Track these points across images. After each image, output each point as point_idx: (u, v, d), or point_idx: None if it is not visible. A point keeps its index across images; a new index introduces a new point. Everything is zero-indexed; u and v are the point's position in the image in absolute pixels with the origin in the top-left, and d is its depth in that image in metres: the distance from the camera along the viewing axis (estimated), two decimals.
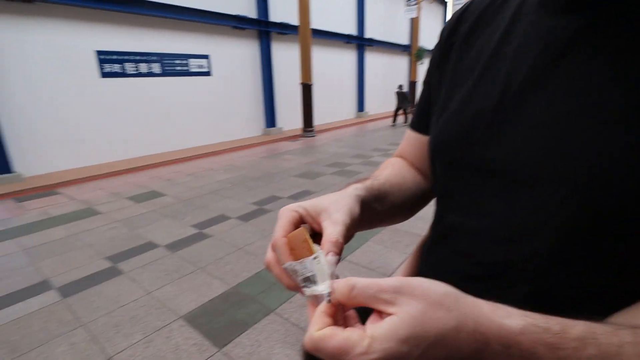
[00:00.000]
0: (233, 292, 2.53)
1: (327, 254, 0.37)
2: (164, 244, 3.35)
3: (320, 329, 0.31)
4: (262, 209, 4.25)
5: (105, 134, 6.86)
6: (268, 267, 0.43)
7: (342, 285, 0.33)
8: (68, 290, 2.63)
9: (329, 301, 0.34)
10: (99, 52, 6.56)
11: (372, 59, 14.60)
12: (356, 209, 0.47)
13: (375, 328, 0.29)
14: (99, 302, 2.46)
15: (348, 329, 0.31)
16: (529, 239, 0.43)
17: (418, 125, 0.68)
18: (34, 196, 5.14)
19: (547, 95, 0.42)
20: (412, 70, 16.44)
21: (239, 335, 2.08)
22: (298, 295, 2.40)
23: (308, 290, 0.36)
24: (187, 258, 3.05)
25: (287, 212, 0.44)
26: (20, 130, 5.83)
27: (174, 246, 3.29)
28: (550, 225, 0.41)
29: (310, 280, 0.36)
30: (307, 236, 0.38)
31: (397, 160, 0.72)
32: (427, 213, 0.69)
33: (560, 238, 0.40)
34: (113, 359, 1.94)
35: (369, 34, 13.88)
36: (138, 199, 4.81)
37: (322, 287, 0.35)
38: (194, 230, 3.65)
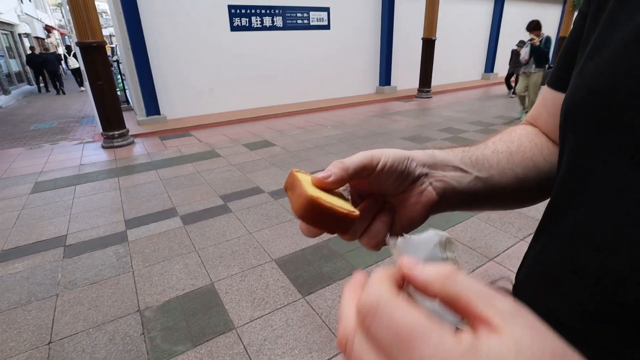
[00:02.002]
0: (323, 246, 2.59)
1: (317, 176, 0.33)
2: (268, 190, 3.60)
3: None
4: None
5: (231, 85, 7.53)
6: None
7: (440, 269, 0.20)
8: (188, 219, 3.05)
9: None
10: (230, 7, 7.04)
11: (513, 9, 12.45)
12: (406, 157, 0.37)
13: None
14: (209, 234, 2.80)
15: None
16: None
17: (558, 80, 0.47)
18: (172, 136, 6.04)
19: None
20: (565, 23, 13.48)
21: (323, 288, 2.14)
22: (387, 260, 2.33)
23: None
24: (286, 207, 3.22)
25: None
26: (165, 79, 6.79)
27: (277, 194, 3.50)
28: None
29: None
30: (297, 175, 0.34)
31: (520, 128, 0.52)
32: None
33: None
34: (215, 284, 2.20)
35: None
36: (252, 146, 5.23)
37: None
38: None
